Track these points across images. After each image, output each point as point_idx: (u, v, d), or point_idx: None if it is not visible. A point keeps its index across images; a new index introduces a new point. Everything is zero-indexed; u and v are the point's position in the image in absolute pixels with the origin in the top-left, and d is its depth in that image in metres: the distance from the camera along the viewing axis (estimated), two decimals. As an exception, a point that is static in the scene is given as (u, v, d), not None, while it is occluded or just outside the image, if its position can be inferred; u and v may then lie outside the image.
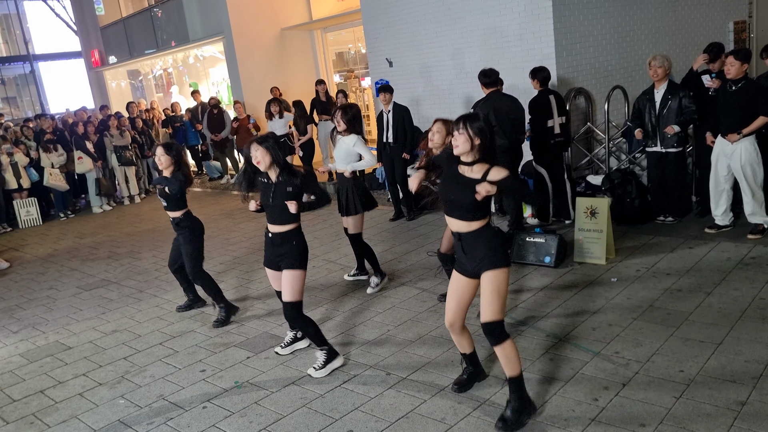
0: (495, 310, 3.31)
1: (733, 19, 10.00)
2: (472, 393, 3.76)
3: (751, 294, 4.64)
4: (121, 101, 17.10)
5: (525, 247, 5.90)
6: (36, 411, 4.21)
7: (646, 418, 3.31)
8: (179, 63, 16.13)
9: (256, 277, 6.39)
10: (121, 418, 3.98)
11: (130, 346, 5.10)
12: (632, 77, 8.42)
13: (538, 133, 6.72)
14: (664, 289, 4.93)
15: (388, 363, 4.27)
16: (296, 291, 4.16)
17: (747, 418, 3.21)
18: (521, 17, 7.68)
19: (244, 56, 12.92)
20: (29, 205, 10.87)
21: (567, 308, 4.80)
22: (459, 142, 3.26)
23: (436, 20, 8.66)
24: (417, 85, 9.19)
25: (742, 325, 4.18)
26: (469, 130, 3.24)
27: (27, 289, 7.13)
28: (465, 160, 3.32)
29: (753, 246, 5.56)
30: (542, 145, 6.75)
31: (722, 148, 5.79)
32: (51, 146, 10.94)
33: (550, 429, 3.32)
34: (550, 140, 6.69)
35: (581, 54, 7.82)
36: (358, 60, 13.32)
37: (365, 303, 5.39)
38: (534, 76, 6.68)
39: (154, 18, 15.71)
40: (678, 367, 3.76)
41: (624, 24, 8.32)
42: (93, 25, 18.54)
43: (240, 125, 11.70)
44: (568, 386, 3.70)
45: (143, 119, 12.90)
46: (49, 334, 5.60)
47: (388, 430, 3.50)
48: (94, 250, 8.61)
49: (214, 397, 4.11)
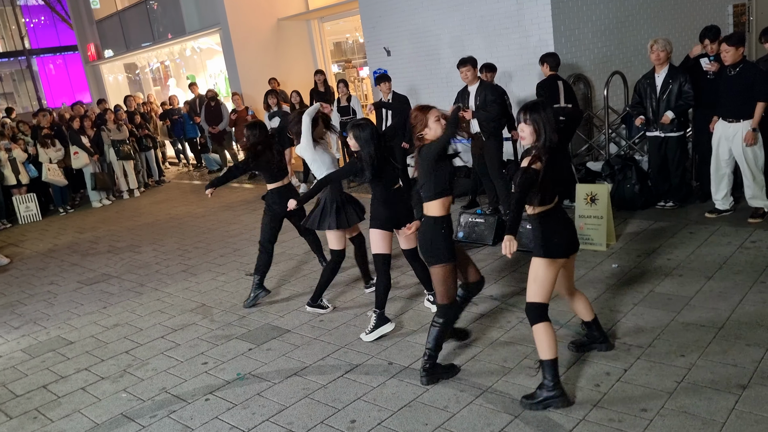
0: (529, 293, 3.46)
1: (732, 2, 9.93)
2: (474, 381, 3.76)
3: (752, 278, 4.63)
4: (119, 95, 17.07)
5: (525, 234, 5.88)
6: (39, 406, 4.22)
7: (647, 403, 3.31)
8: (176, 55, 16.05)
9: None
10: (124, 412, 3.99)
11: (132, 340, 5.11)
12: (631, 62, 8.37)
13: None
14: (665, 274, 4.93)
15: (390, 352, 4.28)
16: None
17: (748, 401, 3.21)
18: (519, 3, 7.63)
19: (241, 48, 12.86)
20: (28, 201, 10.86)
21: (568, 295, 4.79)
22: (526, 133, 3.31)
23: (433, 8, 8.61)
24: (415, 74, 9.15)
25: (743, 309, 4.18)
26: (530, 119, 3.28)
27: (28, 284, 7.14)
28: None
29: (753, 230, 5.54)
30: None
31: (723, 132, 5.77)
32: (49, 141, 10.91)
33: (552, 414, 3.32)
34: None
35: (580, 40, 7.77)
36: (356, 49, 13.26)
37: (366, 293, 5.39)
38: (544, 61, 6.73)
39: (149, 10, 15.63)
40: (679, 352, 3.76)
41: (622, 9, 8.26)
42: (89, 18, 18.46)
43: (238, 117, 11.66)
44: (569, 372, 3.71)
45: (141, 113, 12.86)
46: (51, 329, 5.61)
47: (390, 419, 3.51)
48: (94, 244, 8.61)
49: (217, 389, 4.11)
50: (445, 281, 3.72)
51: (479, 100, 6.62)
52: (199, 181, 12.65)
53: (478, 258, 5.83)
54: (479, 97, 6.63)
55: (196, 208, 9.97)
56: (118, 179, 11.76)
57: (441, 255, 3.70)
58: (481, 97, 6.61)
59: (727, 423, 3.07)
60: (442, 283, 3.73)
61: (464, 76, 6.68)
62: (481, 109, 6.56)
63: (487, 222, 6.25)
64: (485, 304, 4.84)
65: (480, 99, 6.62)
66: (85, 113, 12.11)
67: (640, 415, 3.22)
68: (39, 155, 10.82)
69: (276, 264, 5.97)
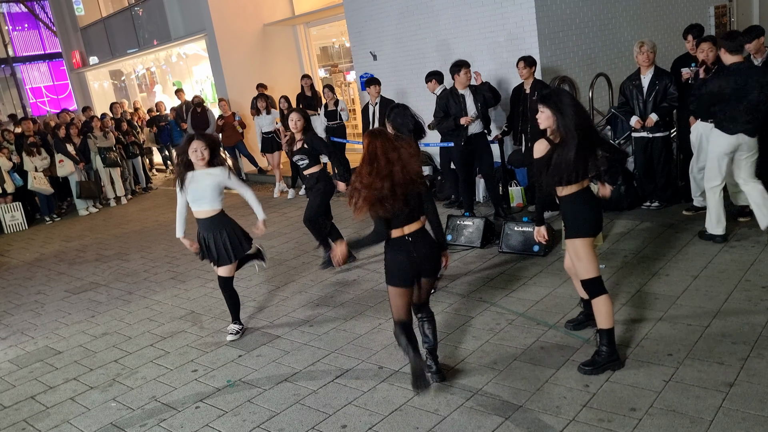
0: (580, 272, 3.70)
1: (714, 3, 10.05)
2: (464, 384, 3.77)
3: (737, 276, 4.68)
4: (104, 102, 16.95)
5: (513, 236, 5.92)
6: (27, 417, 4.18)
7: (636, 403, 3.34)
8: (162, 62, 15.98)
9: (246, 274, 6.37)
10: (114, 421, 3.96)
11: (121, 349, 5.08)
12: (615, 64, 8.44)
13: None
14: (652, 273, 4.97)
15: (379, 357, 4.28)
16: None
17: (735, 399, 3.25)
18: (503, 7, 7.68)
19: (227, 53, 12.82)
20: (14, 210, 10.76)
21: (556, 296, 4.83)
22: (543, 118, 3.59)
23: (418, 12, 8.64)
24: (402, 78, 9.18)
25: (729, 308, 4.23)
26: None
27: (14, 294, 7.07)
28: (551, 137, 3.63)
29: (738, 228, 5.61)
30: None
31: (703, 131, 5.83)
32: (34, 149, 10.83)
33: (542, 416, 3.35)
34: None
35: (564, 42, 7.84)
36: (343, 54, 13.26)
37: (357, 297, 5.39)
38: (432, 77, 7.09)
39: (135, 17, 15.55)
40: (666, 351, 3.80)
41: (606, 11, 8.34)
42: (73, 25, 18.33)
43: (225, 123, 11.63)
44: (559, 373, 3.73)
45: (127, 120, 12.79)
46: (39, 339, 5.56)
47: (381, 423, 3.51)
48: (81, 253, 8.54)
49: (207, 396, 4.10)
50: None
51: (480, 100, 6.74)
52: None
53: (467, 260, 5.85)
54: (478, 97, 6.75)
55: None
56: (104, 187, 11.69)
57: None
58: (480, 96, 6.74)
59: (714, 421, 3.10)
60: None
61: (459, 80, 6.71)
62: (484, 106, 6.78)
63: (474, 224, 6.29)
64: (474, 306, 4.86)
65: (479, 99, 6.74)
66: (72, 121, 12.03)
67: (630, 415, 3.25)
68: (24, 163, 10.73)
69: (266, 270, 5.96)
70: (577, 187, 3.62)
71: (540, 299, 4.82)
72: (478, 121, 6.75)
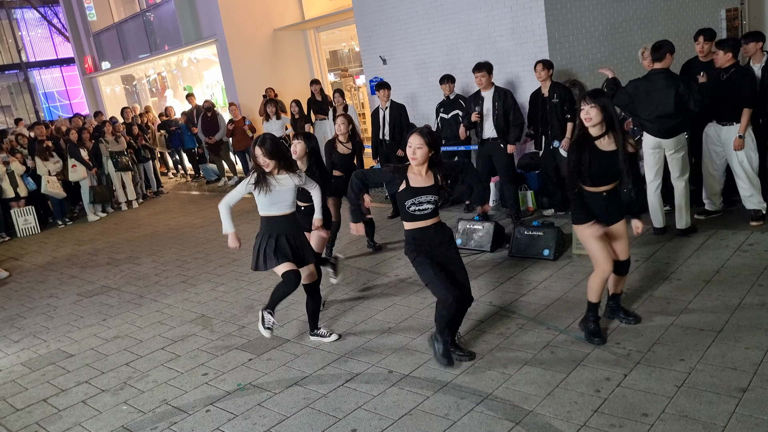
0: (628, 250, 4.19)
1: (725, 6, 10.00)
2: (475, 388, 3.76)
3: (749, 281, 4.65)
4: (116, 106, 17.10)
5: (524, 240, 5.91)
6: (39, 420, 4.21)
7: (648, 408, 3.32)
8: (173, 67, 16.11)
9: (255, 278, 6.39)
10: (125, 424, 3.98)
11: (132, 352, 5.11)
12: (625, 68, 8.41)
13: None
14: (663, 278, 4.94)
15: (390, 361, 4.28)
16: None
17: (748, 404, 3.22)
18: (513, 11, 7.67)
19: (238, 58, 12.91)
20: (27, 214, 10.86)
21: (567, 300, 4.81)
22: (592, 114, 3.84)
23: (428, 16, 8.66)
24: (412, 82, 9.19)
25: (742, 312, 4.19)
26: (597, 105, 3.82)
27: (27, 297, 7.13)
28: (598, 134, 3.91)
29: (750, 233, 5.57)
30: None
31: (716, 134, 5.80)
32: (47, 153, 10.93)
33: (553, 421, 3.33)
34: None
35: (574, 46, 7.82)
36: (352, 58, 13.31)
37: (366, 301, 5.40)
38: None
39: (146, 22, 15.70)
40: (679, 356, 3.77)
41: (616, 15, 8.32)
42: (86, 31, 18.51)
43: (236, 127, 11.70)
44: (569, 378, 3.71)
45: (138, 124, 12.89)
46: (51, 342, 5.60)
47: (391, 427, 3.51)
48: (93, 256, 8.61)
49: (217, 400, 4.11)
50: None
51: (498, 105, 6.71)
52: (197, 191, 12.66)
53: (477, 265, 5.84)
54: (498, 103, 6.73)
55: (194, 219, 9.98)
56: (116, 191, 11.77)
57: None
58: (500, 102, 6.73)
59: (727, 426, 3.08)
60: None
61: (479, 81, 6.80)
62: (503, 115, 6.73)
63: (485, 228, 6.27)
64: (484, 310, 4.85)
65: (499, 105, 6.73)
66: (83, 125, 12.14)
67: (641, 420, 3.22)
68: (38, 167, 10.83)
69: (271, 274, 5.96)
70: (614, 184, 4.07)
71: (550, 303, 4.80)
72: (491, 126, 6.76)
